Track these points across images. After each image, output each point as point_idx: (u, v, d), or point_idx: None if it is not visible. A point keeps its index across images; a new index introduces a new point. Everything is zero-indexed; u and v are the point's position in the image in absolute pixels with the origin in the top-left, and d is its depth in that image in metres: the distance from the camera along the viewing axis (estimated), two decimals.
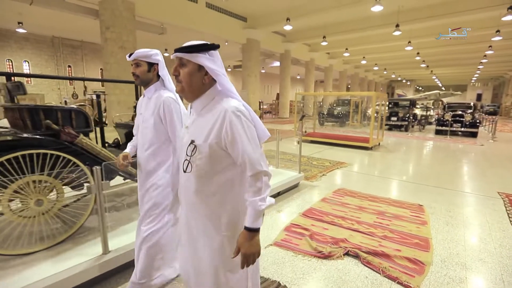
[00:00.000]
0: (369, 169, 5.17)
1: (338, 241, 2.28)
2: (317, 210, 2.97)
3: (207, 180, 1.04)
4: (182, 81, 1.03)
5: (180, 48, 1.02)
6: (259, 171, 0.99)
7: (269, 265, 1.98)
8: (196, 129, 1.06)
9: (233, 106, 0.98)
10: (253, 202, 0.98)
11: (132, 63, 1.57)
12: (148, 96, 1.59)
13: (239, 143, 0.97)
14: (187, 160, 1.05)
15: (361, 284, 1.79)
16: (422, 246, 2.26)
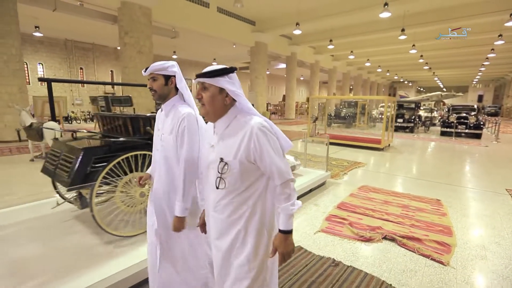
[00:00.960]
0: (385, 168, 5.58)
1: (375, 228, 2.70)
2: (348, 204, 3.38)
3: (239, 194, 1.10)
4: (205, 103, 1.11)
5: (202, 74, 1.09)
6: (287, 179, 1.07)
7: (322, 247, 2.39)
8: (223, 147, 1.10)
9: (258, 122, 1.05)
10: (285, 207, 1.06)
11: (149, 77, 1.51)
12: (165, 111, 1.50)
13: (266, 156, 1.04)
14: (219, 177, 1.09)
15: (402, 260, 2.20)
16: (446, 232, 2.67)
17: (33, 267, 1.82)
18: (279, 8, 12.75)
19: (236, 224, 1.11)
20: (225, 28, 13.67)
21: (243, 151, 1.05)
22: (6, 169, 5.02)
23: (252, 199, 1.11)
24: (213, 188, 1.12)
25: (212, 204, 1.14)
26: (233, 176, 1.07)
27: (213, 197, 1.14)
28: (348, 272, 2.03)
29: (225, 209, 1.11)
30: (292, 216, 1.09)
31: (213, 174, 1.12)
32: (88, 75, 18.32)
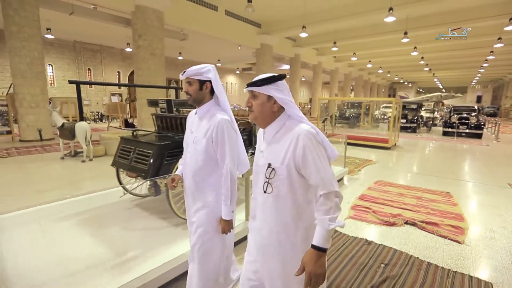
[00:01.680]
0: (394, 165, 5.97)
1: (396, 215, 3.07)
2: (368, 196, 3.76)
3: (284, 199, 1.10)
4: (254, 110, 1.15)
5: (252, 83, 1.13)
6: (330, 191, 1.01)
7: (353, 230, 2.77)
8: (271, 153, 1.12)
9: (305, 130, 1.06)
10: (322, 220, 0.99)
11: (185, 81, 1.54)
12: (200, 115, 1.55)
13: (312, 164, 1.02)
14: (267, 182, 1.11)
15: (423, 240, 2.58)
16: (458, 218, 3.05)
17: (123, 243, 2.19)
18: (285, 11, 13.11)
19: (284, 227, 1.11)
20: (232, 31, 14.02)
21: (290, 158, 1.06)
22: (41, 167, 5.35)
23: (300, 207, 1.09)
24: (261, 192, 1.15)
25: (260, 207, 1.17)
26: (279, 182, 1.09)
27: (261, 201, 1.16)
28: (380, 249, 2.41)
29: (271, 214, 1.12)
30: (330, 233, 1.00)
31: (262, 179, 1.15)
32: (96, 75, 18.63)
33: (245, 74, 29.57)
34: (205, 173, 1.51)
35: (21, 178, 4.59)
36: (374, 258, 2.26)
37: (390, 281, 1.96)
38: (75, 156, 6.16)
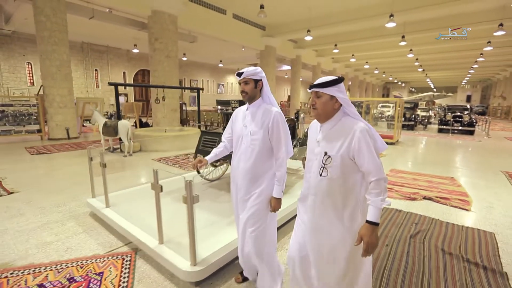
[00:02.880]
0: (402, 157, 6.76)
1: (414, 193, 3.82)
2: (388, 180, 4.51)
3: (337, 182, 1.28)
4: (318, 108, 1.31)
5: (316, 84, 1.29)
6: (380, 177, 1.21)
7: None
8: (328, 144, 1.30)
9: (361, 126, 1.24)
10: (375, 201, 1.19)
11: (241, 81, 1.68)
12: (252, 110, 1.71)
13: (366, 155, 1.21)
14: (323, 166, 1.30)
15: (440, 209, 3.33)
16: (464, 195, 3.81)
17: (218, 213, 2.86)
18: (290, 15, 13.80)
19: (334, 206, 1.30)
20: (239, 33, 14.61)
21: (345, 148, 1.25)
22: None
23: (348, 189, 1.28)
24: (316, 175, 1.33)
25: (313, 189, 1.35)
26: (334, 167, 1.27)
27: (314, 183, 1.35)
28: (408, 215, 3.14)
29: (325, 193, 1.31)
30: (380, 210, 1.21)
31: (317, 164, 1.34)
32: (103, 76, 19.01)
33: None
34: (260, 159, 1.66)
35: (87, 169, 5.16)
36: (406, 220, 2.99)
37: (422, 233, 2.69)
38: (113, 152, 6.75)
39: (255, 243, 1.67)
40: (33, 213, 3.10)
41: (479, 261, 2.22)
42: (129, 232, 2.33)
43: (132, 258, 2.22)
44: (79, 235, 2.61)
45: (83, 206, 3.31)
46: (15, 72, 15.20)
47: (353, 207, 1.30)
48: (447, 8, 10.90)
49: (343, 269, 1.35)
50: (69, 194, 3.76)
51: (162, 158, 6.12)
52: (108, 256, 2.24)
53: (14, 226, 2.78)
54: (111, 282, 1.92)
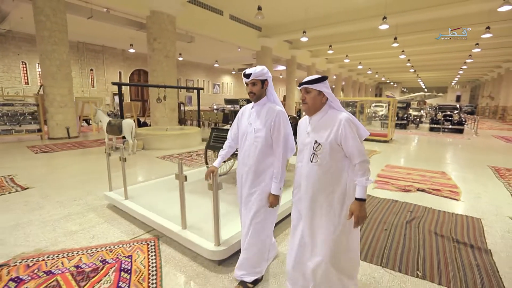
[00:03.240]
0: (396, 154, 7.08)
1: (409, 185, 4.11)
2: (384, 174, 4.79)
3: (326, 167, 1.45)
4: (308, 102, 1.50)
5: (306, 82, 1.47)
6: (364, 159, 1.40)
7: (381, 195, 3.76)
8: (317, 133, 1.48)
9: (345, 116, 1.43)
10: (361, 181, 1.40)
11: (249, 82, 1.74)
12: (257, 109, 1.79)
13: (350, 140, 1.39)
14: (314, 153, 1.47)
15: (432, 199, 3.62)
16: (454, 187, 4.12)
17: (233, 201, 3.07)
18: (285, 16, 14.05)
19: (324, 190, 1.47)
20: (235, 34, 14.79)
21: (333, 136, 1.43)
22: (98, 159, 6.04)
23: (337, 172, 1.46)
24: (307, 162, 1.51)
25: (305, 174, 1.53)
26: (323, 154, 1.45)
27: (306, 171, 1.52)
28: (404, 204, 3.42)
29: (317, 177, 1.47)
30: (366, 188, 1.41)
31: (308, 152, 1.51)
32: (98, 76, 18.95)
33: (241, 74, 30.39)
34: (263, 156, 1.73)
35: (94, 166, 5.30)
36: (402, 209, 3.27)
37: (417, 219, 2.96)
38: (116, 151, 6.87)
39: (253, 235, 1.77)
40: (52, 207, 3.25)
41: (467, 241, 2.50)
42: (152, 220, 2.52)
43: (156, 243, 2.42)
44: (101, 225, 2.79)
45: (99, 200, 3.48)
46: (9, 71, 15.07)
47: (342, 192, 1.46)
48: (437, 12, 11.32)
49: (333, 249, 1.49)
50: (82, 189, 3.92)
51: (166, 156, 6.29)
52: (133, 242, 2.44)
53: (38, 218, 2.94)
54: (141, 263, 2.12)
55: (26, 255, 2.23)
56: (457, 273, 2.04)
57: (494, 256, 2.28)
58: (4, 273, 2.00)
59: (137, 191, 3.32)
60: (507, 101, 23.07)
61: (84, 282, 1.90)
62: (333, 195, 1.47)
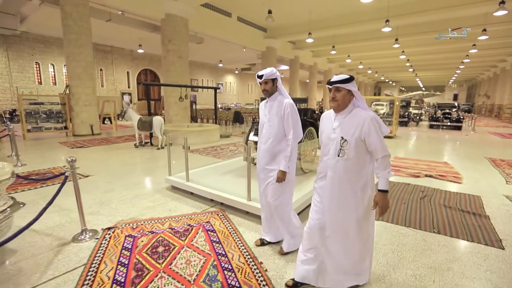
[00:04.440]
0: (401, 148, 7.73)
1: (418, 172, 4.75)
2: (394, 165, 5.43)
3: (351, 161, 1.59)
4: (338, 100, 1.62)
5: (337, 81, 1.60)
6: (385, 154, 1.55)
7: (395, 180, 4.40)
8: (343, 129, 1.61)
9: (371, 115, 1.57)
10: (383, 174, 1.56)
11: (262, 82, 2.09)
12: (271, 102, 2.14)
13: (374, 137, 1.53)
14: (340, 148, 1.61)
15: (438, 183, 4.26)
16: (456, 174, 4.76)
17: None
18: (290, 18, 14.60)
19: (349, 181, 1.61)
20: (242, 35, 15.33)
21: (358, 133, 1.55)
22: (131, 152, 6.60)
23: (360, 165, 1.60)
24: (334, 156, 1.63)
25: (332, 168, 1.65)
26: (349, 149, 1.58)
27: (333, 163, 1.64)
28: (415, 187, 4.05)
29: (342, 171, 1.61)
30: (387, 180, 1.55)
31: (334, 147, 1.63)
32: (107, 75, 19.42)
33: (244, 74, 30.95)
34: (277, 141, 2.10)
35: (130, 159, 5.88)
36: (415, 189, 3.90)
37: (428, 197, 3.60)
38: (144, 146, 7.44)
39: (277, 211, 2.14)
40: (120, 189, 3.84)
41: (470, 210, 3.13)
42: (220, 196, 3.12)
43: (224, 214, 3.02)
44: (171, 202, 3.39)
45: (157, 184, 4.07)
46: (24, 71, 15.52)
47: (364, 182, 1.62)
48: (436, 15, 11.95)
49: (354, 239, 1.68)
50: (136, 175, 4.51)
51: (194, 150, 6.88)
52: (205, 213, 3.04)
53: (115, 197, 3.53)
54: (220, 226, 2.72)
55: (125, 222, 2.82)
56: (464, 230, 2.68)
57: (491, 220, 2.92)
58: (118, 232, 2.59)
59: (191, 176, 3.91)
60: (502, 99, 23.86)
61: (183, 237, 2.50)
62: (357, 185, 1.61)
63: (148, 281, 1.90)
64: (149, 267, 2.06)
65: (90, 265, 2.08)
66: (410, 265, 2.13)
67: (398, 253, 2.30)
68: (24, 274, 1.97)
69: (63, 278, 1.94)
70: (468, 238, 2.52)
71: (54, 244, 2.38)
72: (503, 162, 5.79)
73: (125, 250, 2.28)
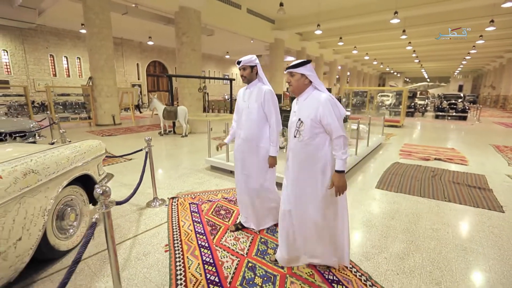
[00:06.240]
0: (409, 136, 8.19)
1: (427, 156, 5.23)
2: (405, 150, 5.91)
3: (308, 141, 1.65)
4: (293, 85, 1.69)
5: (290, 66, 1.66)
6: (340, 134, 1.58)
7: (407, 163, 4.89)
8: (301, 112, 1.67)
9: (325, 97, 1.60)
10: (338, 154, 1.58)
11: (240, 68, 2.15)
12: (250, 89, 2.19)
13: (329, 118, 1.57)
14: (297, 129, 1.67)
15: (447, 164, 4.75)
16: (463, 158, 5.24)
17: None
18: (298, 9, 14.74)
19: (306, 162, 1.66)
20: (251, 27, 15.52)
21: (314, 114, 1.60)
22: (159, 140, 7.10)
23: (318, 147, 1.65)
24: (292, 137, 1.73)
25: (292, 147, 1.74)
26: (304, 130, 1.64)
27: (292, 145, 1.74)
28: (426, 168, 4.55)
29: (300, 151, 1.68)
30: (345, 161, 1.59)
31: (293, 129, 1.72)
32: (118, 67, 19.77)
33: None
34: (257, 125, 2.16)
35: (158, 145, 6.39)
36: (426, 170, 4.40)
37: (439, 175, 4.10)
38: (168, 134, 7.94)
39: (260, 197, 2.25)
40: (165, 169, 4.36)
41: (476, 185, 3.64)
42: None
43: None
44: (215, 179, 3.90)
45: (196, 165, 4.59)
46: (39, 64, 15.95)
47: (323, 164, 1.65)
48: (445, 6, 12.14)
49: (321, 223, 1.72)
50: (173, 159, 5.03)
51: (215, 138, 7.37)
52: None
53: (164, 176, 4.05)
54: None
55: (184, 193, 3.34)
56: (471, 199, 3.20)
57: (494, 193, 3.42)
58: (182, 200, 3.12)
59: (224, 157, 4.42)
60: (508, 90, 23.99)
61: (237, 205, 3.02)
62: (316, 167, 1.65)
63: (222, 233, 2.42)
64: (219, 223, 2.58)
65: (171, 222, 2.60)
66: (427, 222, 2.65)
67: (417, 214, 2.81)
68: (123, 228, 2.51)
69: (155, 230, 2.47)
70: (474, 205, 3.03)
71: (134, 209, 2.91)
72: (506, 148, 6.25)
73: (194, 213, 2.80)
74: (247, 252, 2.13)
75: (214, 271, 1.90)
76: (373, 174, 4.23)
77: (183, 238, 2.32)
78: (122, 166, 4.59)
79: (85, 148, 2.35)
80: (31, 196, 1.62)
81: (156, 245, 2.24)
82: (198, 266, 1.95)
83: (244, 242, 2.28)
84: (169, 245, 2.22)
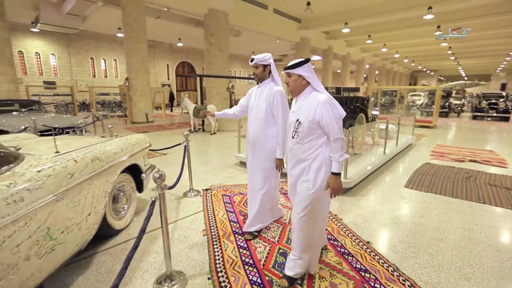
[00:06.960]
0: (442, 137, 7.83)
1: (461, 158, 5.03)
2: (437, 151, 5.70)
3: (306, 142, 1.63)
4: (290, 85, 1.69)
5: (287, 67, 1.65)
6: (338, 137, 1.55)
7: (440, 163, 4.74)
8: (299, 112, 1.65)
9: (324, 97, 1.57)
10: (335, 156, 1.56)
11: (253, 66, 2.14)
12: (261, 88, 2.18)
13: (327, 120, 1.53)
14: (294, 130, 1.67)
15: (483, 167, 4.54)
16: (502, 160, 4.96)
17: None
18: (325, 7, 14.52)
19: (303, 162, 1.66)
20: (277, 27, 15.57)
21: (312, 115, 1.58)
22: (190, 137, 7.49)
23: (315, 147, 1.63)
24: (291, 137, 1.72)
25: (290, 147, 1.75)
26: (302, 131, 1.63)
27: (290, 144, 1.74)
28: (460, 169, 4.38)
29: (297, 151, 1.68)
30: (341, 163, 1.58)
31: (292, 129, 1.70)
32: (150, 68, 20.64)
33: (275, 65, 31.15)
34: (266, 127, 2.15)
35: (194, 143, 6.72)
36: (460, 171, 4.25)
37: (474, 177, 3.95)
38: (197, 131, 8.33)
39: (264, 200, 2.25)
40: (197, 165, 4.64)
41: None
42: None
43: None
44: (244, 174, 4.10)
45: (226, 161, 4.83)
46: (81, 66, 17.32)
47: (318, 165, 1.62)
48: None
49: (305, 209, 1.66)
50: (204, 155, 5.32)
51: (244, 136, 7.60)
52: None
53: (197, 170, 4.31)
54: None
55: (216, 186, 3.58)
56: (508, 202, 3.07)
57: None
58: (215, 192, 3.35)
59: None
60: None
61: None
62: (310, 167, 1.64)
63: None
64: None
65: (207, 211, 2.84)
66: (459, 222, 2.62)
67: (448, 214, 2.79)
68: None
69: (193, 217, 2.72)
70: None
71: (172, 198, 3.19)
72: None
73: (227, 203, 3.02)
74: (278, 240, 2.29)
75: (248, 254, 2.08)
76: (402, 174, 4.19)
77: (218, 225, 2.53)
78: (158, 160, 4.96)
79: (134, 141, 2.64)
80: (97, 179, 1.90)
81: (194, 229, 2.47)
82: (234, 249, 2.14)
83: (275, 231, 2.44)
84: (206, 230, 2.44)
